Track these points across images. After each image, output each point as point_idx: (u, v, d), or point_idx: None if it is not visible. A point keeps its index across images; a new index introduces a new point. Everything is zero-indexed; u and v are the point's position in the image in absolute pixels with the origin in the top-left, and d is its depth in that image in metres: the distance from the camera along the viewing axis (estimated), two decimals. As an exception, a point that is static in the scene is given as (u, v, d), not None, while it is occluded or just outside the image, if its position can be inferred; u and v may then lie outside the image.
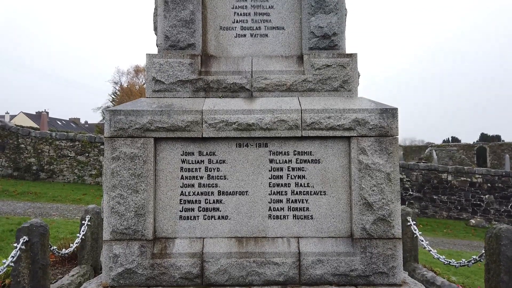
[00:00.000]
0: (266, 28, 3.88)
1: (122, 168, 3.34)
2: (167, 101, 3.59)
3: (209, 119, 3.42)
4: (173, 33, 3.74)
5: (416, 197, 15.64)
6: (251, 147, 3.50)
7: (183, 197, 3.45)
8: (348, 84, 3.71)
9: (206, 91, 3.69)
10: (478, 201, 15.37)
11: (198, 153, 3.49)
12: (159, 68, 3.67)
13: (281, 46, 3.88)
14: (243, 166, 3.49)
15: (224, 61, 3.81)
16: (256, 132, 3.43)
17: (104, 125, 3.40)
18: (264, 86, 3.70)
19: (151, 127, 3.39)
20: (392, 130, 3.42)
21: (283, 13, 3.89)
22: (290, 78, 3.71)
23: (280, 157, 3.50)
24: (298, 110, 3.45)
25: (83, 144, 16.02)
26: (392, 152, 3.39)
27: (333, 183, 3.47)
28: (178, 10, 3.74)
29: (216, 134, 3.43)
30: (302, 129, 3.44)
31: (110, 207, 3.33)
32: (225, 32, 3.88)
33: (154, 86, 3.69)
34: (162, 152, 3.47)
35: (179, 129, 3.41)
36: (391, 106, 3.49)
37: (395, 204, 3.36)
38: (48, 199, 12.29)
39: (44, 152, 15.87)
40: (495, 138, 41.05)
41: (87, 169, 15.94)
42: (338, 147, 3.49)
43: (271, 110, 3.45)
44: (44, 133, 16.37)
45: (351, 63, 3.72)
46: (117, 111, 3.41)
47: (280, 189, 3.47)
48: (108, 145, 3.37)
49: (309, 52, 3.77)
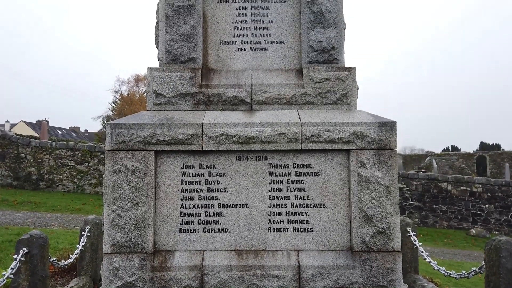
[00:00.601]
0: (266, 42, 3.94)
1: (123, 181, 3.36)
2: (168, 114, 3.62)
3: (209, 132, 3.45)
4: (174, 47, 3.79)
5: (416, 206, 15.62)
6: (251, 160, 3.53)
7: (183, 209, 3.46)
8: (347, 97, 3.75)
9: (207, 104, 3.73)
10: (478, 210, 15.35)
11: (199, 166, 3.51)
12: (160, 82, 3.71)
13: (281, 60, 3.93)
14: (243, 179, 3.51)
15: (224, 74, 3.85)
16: (256, 145, 3.46)
17: (106, 138, 3.43)
18: (264, 99, 3.74)
19: (152, 140, 3.41)
20: (391, 143, 3.45)
21: (283, 28, 3.94)
22: (289, 91, 3.74)
23: (279, 170, 3.52)
24: (298, 123, 3.48)
25: (83, 154, 16.03)
26: (391, 165, 3.42)
27: (332, 195, 3.48)
28: (179, 25, 3.79)
29: (216, 147, 3.46)
30: (301, 142, 3.46)
31: (110, 220, 3.34)
32: (225, 46, 3.93)
33: (155, 99, 3.72)
34: (163, 165, 3.49)
35: (180, 142, 3.44)
36: (389, 119, 3.53)
37: (394, 217, 3.37)
38: (48, 208, 12.26)
39: (44, 162, 15.88)
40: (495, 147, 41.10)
41: (86, 178, 15.93)
42: (337, 160, 3.52)
43: (271, 123, 3.48)
44: (44, 142, 16.40)
45: (349, 77, 3.76)
46: (118, 124, 3.44)
47: (279, 201, 3.48)
48: (109, 158, 3.40)
49: (308, 66, 3.81)
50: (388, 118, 3.55)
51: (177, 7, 3.79)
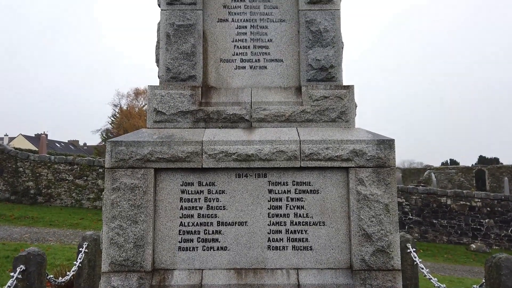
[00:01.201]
0: (265, 60, 3.98)
1: (122, 199, 3.36)
2: (168, 132, 3.64)
3: (209, 150, 3.47)
4: (174, 65, 3.83)
5: (416, 221, 15.56)
6: (250, 177, 3.54)
7: (182, 227, 3.45)
8: (346, 115, 3.78)
9: (206, 121, 3.75)
10: (478, 225, 15.29)
11: (198, 184, 3.52)
12: (160, 99, 3.74)
13: (280, 78, 3.97)
14: (242, 197, 3.51)
15: (224, 92, 3.89)
16: (256, 162, 3.48)
17: (105, 156, 3.44)
18: (263, 117, 3.76)
19: (151, 158, 3.43)
20: (390, 161, 3.47)
21: (282, 46, 3.99)
22: (288, 109, 3.77)
23: (279, 187, 3.53)
24: (297, 141, 3.50)
25: (82, 168, 16.01)
26: (390, 183, 3.43)
27: (332, 213, 3.48)
28: (179, 43, 3.84)
29: (216, 165, 3.47)
30: (300, 160, 3.48)
31: (109, 238, 3.33)
32: (225, 64, 3.97)
33: (155, 117, 3.75)
34: (162, 183, 3.49)
35: (179, 159, 3.45)
36: (388, 137, 3.55)
37: (394, 235, 3.37)
38: (45, 223, 12.19)
39: (43, 176, 15.84)
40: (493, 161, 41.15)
41: (85, 192, 15.88)
42: (336, 177, 3.53)
43: (270, 141, 3.50)
44: (43, 156, 16.39)
45: (348, 95, 3.80)
46: (118, 142, 3.45)
47: (279, 219, 3.48)
48: (108, 176, 3.40)
49: (307, 84, 3.85)
50: (386, 136, 3.58)
51: (177, 26, 3.84)
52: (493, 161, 40.70)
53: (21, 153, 16.24)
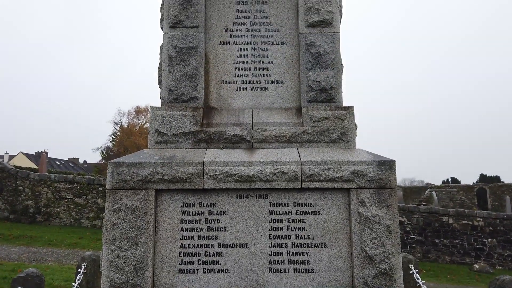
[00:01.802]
0: (266, 81, 4.03)
1: (122, 220, 3.34)
2: (169, 153, 3.66)
3: (210, 171, 3.47)
4: (176, 86, 3.88)
5: (418, 240, 15.40)
6: (251, 198, 3.53)
7: (183, 249, 3.43)
8: (346, 136, 3.80)
9: (208, 142, 3.77)
10: (481, 245, 15.12)
11: (199, 205, 3.51)
12: (162, 120, 3.77)
13: (281, 99, 4.01)
14: (243, 218, 3.49)
15: (225, 113, 3.92)
16: (257, 183, 3.47)
17: (107, 177, 3.45)
18: (264, 138, 3.78)
19: (152, 178, 3.43)
20: (391, 182, 3.46)
21: (282, 68, 4.04)
22: (289, 130, 3.80)
23: (280, 208, 3.52)
24: (298, 162, 3.51)
25: (82, 186, 15.96)
26: (391, 204, 3.42)
27: (333, 235, 3.46)
28: (182, 65, 3.89)
29: (217, 186, 3.47)
30: (301, 181, 3.48)
31: (109, 260, 3.30)
32: (226, 85, 4.02)
33: (156, 138, 3.77)
34: (163, 204, 3.49)
35: (180, 180, 3.45)
36: (388, 158, 3.56)
37: (396, 257, 3.34)
38: (44, 243, 12.07)
39: (42, 194, 15.78)
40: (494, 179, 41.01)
41: (84, 211, 15.78)
42: (337, 198, 3.52)
43: (271, 162, 3.51)
44: (43, 175, 16.35)
45: (348, 116, 3.83)
46: (119, 163, 3.46)
47: (280, 241, 3.46)
48: (109, 197, 3.40)
49: (307, 105, 3.89)
50: (387, 157, 3.59)
51: (180, 49, 3.91)
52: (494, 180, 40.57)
53: (21, 172, 16.22)
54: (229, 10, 4.10)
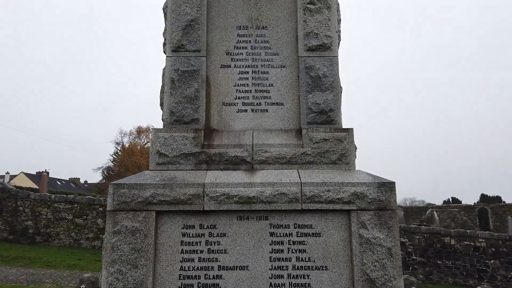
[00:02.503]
0: (266, 104, 4.09)
1: (122, 242, 3.34)
2: (170, 174, 3.68)
3: (210, 192, 3.49)
4: (178, 108, 3.93)
5: (420, 262, 15.21)
6: (251, 220, 3.53)
7: (183, 272, 3.41)
8: (346, 157, 3.83)
9: (208, 163, 3.80)
10: (484, 266, 14.93)
11: (199, 226, 3.51)
12: (163, 142, 3.81)
13: (281, 121, 4.06)
14: (244, 240, 3.49)
15: (226, 134, 3.96)
16: (257, 205, 3.48)
17: (107, 199, 3.46)
18: (265, 159, 3.81)
19: (153, 200, 3.44)
20: (391, 204, 3.47)
21: (282, 90, 4.11)
22: (289, 151, 3.83)
23: (280, 230, 3.52)
24: (298, 183, 3.53)
25: (82, 206, 15.89)
26: (392, 226, 3.42)
27: (334, 257, 3.45)
28: (183, 88, 3.96)
29: (217, 207, 3.47)
30: (302, 202, 3.49)
31: (108, 284, 3.28)
32: (227, 107, 4.07)
33: (158, 159, 3.80)
34: (163, 226, 3.49)
35: (181, 202, 3.46)
36: (388, 180, 3.58)
37: (397, 280, 3.31)
38: (42, 264, 11.94)
39: (42, 215, 15.69)
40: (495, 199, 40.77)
41: (84, 232, 15.66)
42: (338, 220, 3.52)
43: (272, 183, 3.53)
44: (43, 195, 16.31)
45: (347, 137, 3.87)
46: (120, 184, 3.48)
47: (281, 263, 3.44)
48: (110, 218, 3.40)
49: (307, 127, 3.93)
50: (387, 179, 3.61)
51: (182, 72, 3.98)
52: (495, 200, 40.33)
53: (21, 192, 16.18)
54: (230, 35, 4.20)
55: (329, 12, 4.13)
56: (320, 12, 4.12)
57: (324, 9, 4.13)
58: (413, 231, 15.68)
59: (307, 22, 4.10)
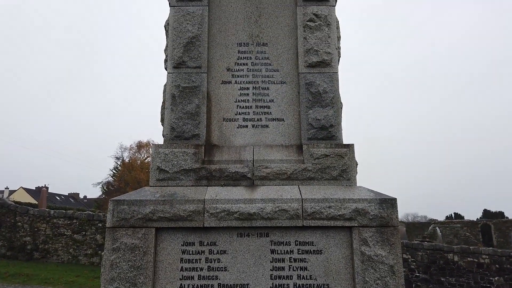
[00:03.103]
0: (267, 119, 4.09)
1: (121, 259, 3.30)
2: (170, 190, 3.66)
3: (211, 209, 3.46)
4: (178, 124, 3.94)
5: (423, 279, 15.00)
6: (252, 236, 3.49)
7: (183, 290, 3.35)
8: (347, 173, 3.81)
9: (209, 179, 3.78)
10: (488, 283, 14.71)
11: (199, 244, 3.47)
12: (164, 158, 3.80)
13: (281, 136, 4.05)
14: (244, 257, 3.44)
15: (226, 150, 3.95)
16: (258, 221, 3.45)
17: (107, 215, 3.43)
18: (265, 175, 3.79)
19: (153, 217, 3.41)
20: (393, 221, 3.44)
21: (283, 106, 4.12)
22: (290, 167, 3.81)
23: (281, 247, 3.47)
24: (299, 200, 3.50)
25: (81, 222, 15.78)
26: (394, 243, 3.37)
27: (336, 275, 3.39)
28: (184, 104, 3.97)
29: (218, 224, 3.44)
30: (303, 219, 3.45)
31: (106, 302, 3.22)
32: (228, 123, 4.08)
33: (158, 175, 3.78)
34: (163, 243, 3.45)
35: (181, 218, 3.43)
36: (390, 196, 3.56)
37: (400, 298, 3.25)
38: (40, 281, 11.79)
39: (41, 231, 15.57)
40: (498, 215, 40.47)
41: (82, 248, 15.51)
42: (340, 237, 3.48)
43: (272, 200, 3.50)
44: (42, 211, 16.21)
45: (348, 153, 3.85)
46: (120, 201, 3.46)
47: (282, 281, 3.39)
48: (109, 235, 3.37)
49: (308, 142, 3.93)
50: (388, 195, 3.58)
51: (183, 88, 4.00)
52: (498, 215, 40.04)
53: (20, 207, 16.09)
54: (231, 51, 4.23)
55: (329, 29, 4.17)
56: (320, 29, 4.16)
57: (324, 27, 4.17)
58: (415, 247, 15.51)
59: (307, 39, 4.14)
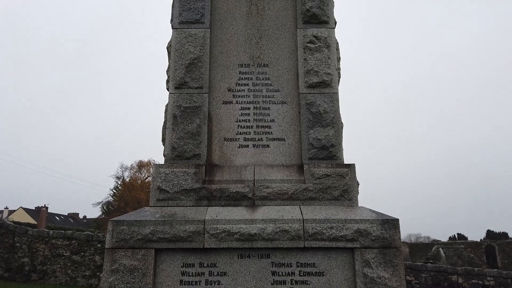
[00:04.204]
0: (268, 139, 4.10)
1: (120, 281, 3.25)
2: (170, 210, 3.63)
3: (211, 229, 3.42)
4: (180, 144, 3.94)
5: (427, 301, 14.68)
6: (253, 258, 3.45)
7: (182, 313, 3.29)
8: (348, 193, 3.79)
9: (209, 199, 3.75)
10: (494, 306, 14.40)
11: (199, 265, 3.42)
12: (164, 178, 3.79)
13: (282, 156, 4.05)
14: (245, 279, 3.39)
15: (227, 170, 3.94)
16: (258, 242, 3.41)
17: (106, 236, 3.40)
18: (266, 195, 3.77)
19: (153, 237, 3.38)
20: (395, 242, 3.40)
21: (284, 126, 4.13)
22: (291, 187, 3.79)
23: (282, 269, 3.42)
24: (300, 220, 3.47)
25: (80, 243, 15.60)
26: (397, 265, 3.32)
27: (338, 298, 3.33)
28: (185, 123, 3.99)
29: (218, 245, 3.40)
30: (304, 240, 3.41)
31: (104, 325, 3.16)
32: (229, 143, 4.08)
33: (158, 195, 3.76)
34: (162, 264, 3.40)
35: (181, 239, 3.39)
36: (392, 217, 3.52)
37: (404, 322, 3.18)
38: (37, 304, 11.56)
39: (39, 251, 15.38)
40: (502, 236, 39.99)
41: (81, 269, 15.28)
42: (342, 258, 3.43)
43: (273, 220, 3.47)
44: (41, 231, 16.06)
45: (349, 173, 3.84)
46: (120, 221, 3.43)
47: (283, 304, 3.32)
48: (108, 257, 3.32)
49: (309, 162, 3.92)
50: (390, 216, 3.55)
51: (184, 108, 4.02)
52: (502, 236, 39.56)
53: (19, 228, 15.95)
54: (232, 72, 4.27)
55: (328, 51, 4.22)
56: (320, 51, 4.21)
57: (324, 48, 4.22)
58: (419, 268, 15.26)
59: (307, 60, 4.19)
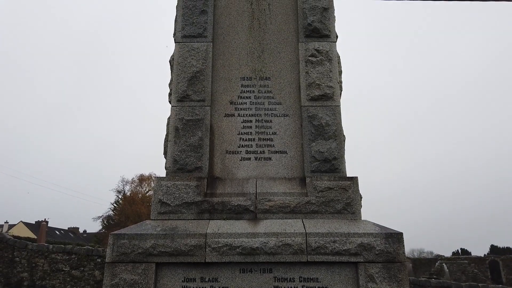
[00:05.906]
0: (270, 152, 4.08)
1: (120, 296, 3.19)
2: (172, 224, 3.59)
3: (212, 243, 3.38)
4: (181, 157, 3.93)
5: (432, 318, 14.42)
6: (255, 272, 3.39)
7: (182, 329, 3.22)
8: (351, 206, 3.75)
9: (211, 212, 3.72)
10: (500, 323, 14.12)
11: (200, 280, 3.36)
12: (166, 191, 3.76)
13: (284, 169, 4.03)
14: (247, 294, 3.32)
15: (229, 183, 3.91)
16: (260, 256, 3.36)
17: (107, 250, 3.36)
18: (268, 208, 3.73)
19: (154, 251, 3.33)
20: (400, 256, 3.34)
21: (286, 139, 4.12)
22: (293, 200, 3.76)
23: (285, 284, 3.36)
24: (303, 234, 3.42)
25: (79, 258, 15.45)
26: (402, 280, 3.27)
27: (342, 313, 3.26)
28: (187, 136, 3.98)
29: (220, 259, 3.35)
30: (307, 254, 3.37)
31: None
32: (231, 155, 4.07)
33: (159, 208, 3.73)
34: (163, 279, 3.35)
35: (182, 253, 3.35)
36: (396, 230, 3.48)
37: (410, 339, 3.11)
38: (35, 320, 11.39)
39: (38, 266, 15.23)
40: (506, 251, 39.55)
41: (80, 284, 15.10)
42: (345, 273, 3.38)
43: (276, 234, 3.43)
44: (41, 246, 15.94)
45: (352, 186, 3.81)
46: (121, 235, 3.39)
47: (286, 320, 3.25)
48: (108, 271, 3.28)
49: (311, 175, 3.89)
50: (394, 229, 3.50)
51: (186, 121, 4.02)
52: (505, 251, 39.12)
53: (19, 242, 15.84)
54: (234, 85, 4.29)
55: (330, 64, 4.24)
56: (321, 64, 4.23)
57: (326, 61, 4.24)
58: (423, 284, 15.03)
59: (309, 73, 4.20)
